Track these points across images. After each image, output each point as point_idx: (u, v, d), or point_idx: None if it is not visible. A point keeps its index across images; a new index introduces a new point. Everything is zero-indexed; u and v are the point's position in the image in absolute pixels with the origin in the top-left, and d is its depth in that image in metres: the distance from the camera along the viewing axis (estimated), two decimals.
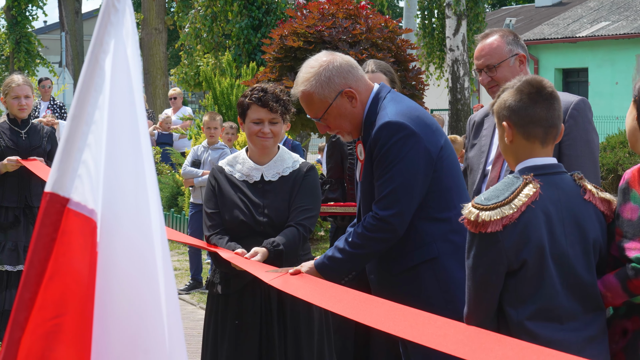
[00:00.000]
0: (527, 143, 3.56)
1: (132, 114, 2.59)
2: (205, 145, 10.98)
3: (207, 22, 22.50)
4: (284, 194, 5.25)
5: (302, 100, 4.40)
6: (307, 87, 4.33)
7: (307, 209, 5.22)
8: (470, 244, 3.46)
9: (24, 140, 8.23)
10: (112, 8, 2.60)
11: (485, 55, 4.83)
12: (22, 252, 8.03)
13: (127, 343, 2.54)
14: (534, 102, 3.54)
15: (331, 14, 10.86)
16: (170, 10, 34.71)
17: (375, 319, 3.68)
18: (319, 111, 4.35)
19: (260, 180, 5.30)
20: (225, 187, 5.31)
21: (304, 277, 4.39)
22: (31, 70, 32.46)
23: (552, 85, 3.61)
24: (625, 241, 3.50)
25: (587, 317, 3.49)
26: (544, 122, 3.54)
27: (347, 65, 4.37)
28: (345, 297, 3.96)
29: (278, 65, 10.86)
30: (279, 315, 5.20)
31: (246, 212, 5.22)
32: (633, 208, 3.50)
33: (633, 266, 3.44)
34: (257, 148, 5.30)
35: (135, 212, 2.55)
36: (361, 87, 4.37)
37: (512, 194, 3.42)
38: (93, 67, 2.59)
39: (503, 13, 43.23)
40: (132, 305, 2.54)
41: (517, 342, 3.10)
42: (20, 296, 2.49)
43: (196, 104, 39.56)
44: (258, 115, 5.21)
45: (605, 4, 36.00)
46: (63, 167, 2.55)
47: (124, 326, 2.54)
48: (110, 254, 2.53)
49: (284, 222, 5.18)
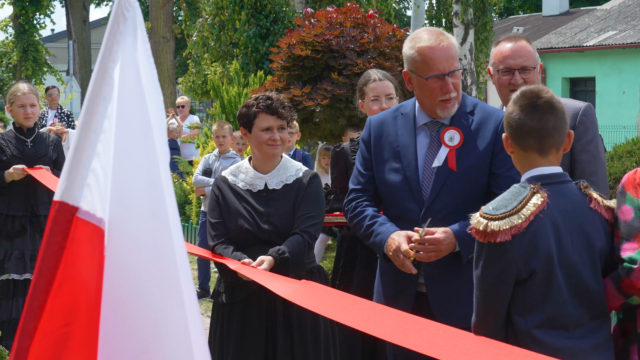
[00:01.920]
0: (524, 154, 3.59)
1: (144, 122, 2.59)
2: (216, 154, 10.98)
3: (214, 31, 22.52)
4: (287, 202, 5.26)
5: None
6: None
7: (312, 216, 5.23)
8: (479, 253, 3.47)
9: (30, 149, 8.23)
10: (121, 17, 2.60)
11: (523, 56, 4.76)
12: (28, 260, 8.03)
13: (137, 351, 2.54)
14: (525, 113, 3.56)
15: (339, 23, 10.87)
16: (178, 18, 34.82)
17: (383, 330, 3.68)
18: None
19: (264, 189, 5.31)
20: (229, 197, 5.31)
21: (312, 288, 4.39)
22: (38, 79, 32.54)
23: (549, 96, 3.60)
24: (622, 242, 3.54)
25: (594, 325, 3.51)
26: (536, 133, 3.55)
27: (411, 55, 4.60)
28: (354, 307, 3.95)
29: (286, 74, 10.86)
30: (285, 324, 5.19)
31: (250, 221, 5.22)
32: (627, 210, 3.55)
33: (625, 265, 3.49)
34: (265, 157, 5.31)
35: (149, 220, 2.55)
36: None
37: (520, 203, 3.43)
38: (102, 76, 2.59)
39: (510, 22, 43.24)
40: (142, 312, 2.54)
41: (527, 354, 3.10)
42: (29, 304, 2.49)
43: (204, 113, 39.63)
44: (267, 123, 5.23)
45: (613, 13, 35.99)
46: (72, 175, 2.55)
47: (134, 334, 2.54)
48: (119, 262, 2.53)
49: (289, 229, 5.18)
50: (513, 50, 4.77)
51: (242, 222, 5.23)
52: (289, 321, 5.19)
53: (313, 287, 4.52)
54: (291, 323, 5.19)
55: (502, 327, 3.49)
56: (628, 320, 3.62)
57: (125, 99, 2.59)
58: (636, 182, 3.55)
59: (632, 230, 3.51)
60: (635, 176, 3.57)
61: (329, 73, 10.48)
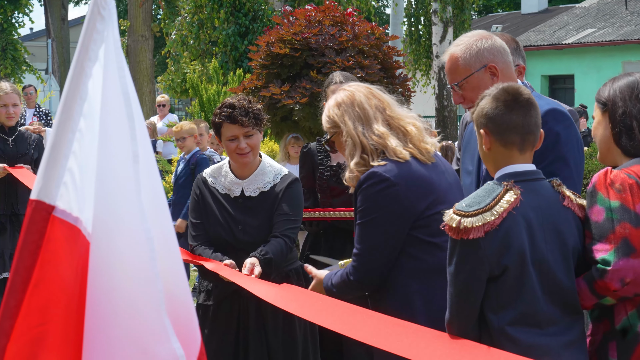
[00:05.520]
0: (504, 150, 3.58)
1: (126, 120, 2.59)
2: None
3: (193, 29, 22.48)
4: (264, 211, 5.23)
5: (447, 63, 4.37)
6: (455, 51, 4.34)
7: (291, 219, 5.21)
8: (452, 250, 3.48)
9: (11, 148, 8.22)
10: (98, 16, 2.61)
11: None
12: (7, 259, 8.02)
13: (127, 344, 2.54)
14: (510, 109, 3.57)
15: (317, 21, 10.87)
16: (157, 17, 34.71)
17: (363, 333, 3.69)
18: (458, 77, 4.33)
19: (240, 195, 5.29)
20: (208, 200, 5.30)
21: (293, 291, 4.40)
22: (17, 78, 32.42)
23: (529, 93, 3.64)
24: (593, 243, 3.56)
25: (567, 322, 3.53)
26: (520, 129, 3.57)
27: (500, 46, 4.36)
28: (335, 310, 3.96)
29: (265, 72, 10.85)
30: (258, 327, 5.18)
31: (227, 229, 5.22)
32: (599, 210, 3.56)
33: (598, 267, 3.51)
34: (238, 164, 5.28)
35: (132, 216, 2.56)
36: (506, 72, 4.33)
37: (493, 200, 3.44)
38: (79, 75, 2.60)
39: (489, 20, 43.30)
40: (131, 309, 2.54)
41: (504, 355, 3.13)
42: (5, 304, 2.50)
43: (183, 111, 39.52)
44: (231, 132, 5.19)
45: (591, 11, 36.11)
46: (49, 174, 2.56)
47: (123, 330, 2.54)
48: (103, 261, 2.53)
49: (264, 239, 5.15)
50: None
51: (219, 230, 5.23)
52: (263, 325, 5.19)
53: (294, 290, 4.52)
54: (265, 326, 5.19)
55: (476, 323, 3.50)
56: (605, 317, 3.64)
57: (105, 97, 2.59)
58: (607, 183, 3.56)
59: (603, 232, 3.53)
60: (606, 177, 3.58)
61: (308, 71, 10.48)
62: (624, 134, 3.66)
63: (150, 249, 2.53)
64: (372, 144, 4.01)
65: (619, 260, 3.47)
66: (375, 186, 3.93)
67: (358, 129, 4.04)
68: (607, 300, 3.55)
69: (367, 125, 4.06)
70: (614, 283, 3.48)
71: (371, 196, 3.94)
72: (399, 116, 4.14)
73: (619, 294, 3.51)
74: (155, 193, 2.65)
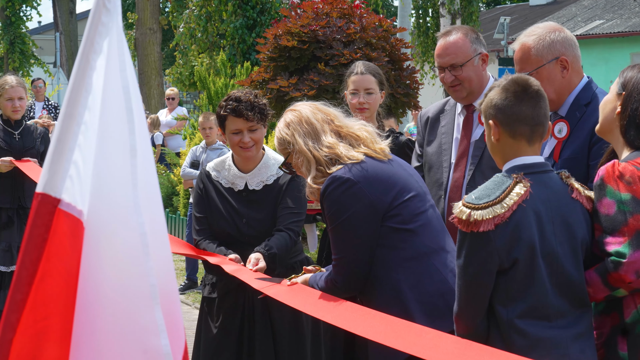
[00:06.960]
0: (513, 141, 3.57)
1: (125, 113, 2.58)
2: (203, 146, 10.94)
3: (201, 22, 22.45)
4: (268, 204, 5.22)
5: (518, 52, 4.44)
6: (527, 41, 4.40)
7: (295, 212, 5.20)
8: (462, 243, 3.47)
9: (18, 141, 8.22)
10: (103, 8, 2.60)
11: (450, 54, 4.84)
12: (15, 252, 8.03)
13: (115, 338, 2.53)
14: (519, 100, 3.55)
15: (325, 14, 10.85)
16: (165, 10, 34.71)
17: (366, 330, 3.69)
18: (529, 67, 4.36)
19: (244, 189, 5.28)
20: (211, 194, 5.30)
21: (297, 287, 4.39)
22: (25, 71, 32.46)
23: (538, 84, 3.63)
24: (605, 236, 3.54)
25: (575, 314, 3.52)
26: (530, 121, 3.55)
27: (572, 39, 4.43)
28: (338, 307, 3.96)
29: (272, 64, 10.85)
30: (264, 324, 5.18)
31: (230, 223, 5.21)
32: (609, 203, 3.53)
33: (612, 259, 3.49)
34: (241, 158, 5.27)
35: (127, 210, 2.55)
36: (575, 65, 4.40)
37: (503, 192, 3.43)
38: (84, 68, 2.59)
39: (497, 12, 43.24)
40: (121, 302, 2.53)
41: (508, 356, 3.12)
42: (11, 297, 2.49)
43: (191, 104, 39.55)
44: (236, 126, 5.16)
45: (600, 2, 36.03)
46: (54, 167, 2.55)
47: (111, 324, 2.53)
48: (95, 253, 2.52)
49: (269, 232, 5.14)
50: (441, 49, 4.88)
51: (223, 224, 5.22)
52: (270, 320, 5.19)
53: (296, 286, 4.51)
54: (272, 322, 5.18)
55: (484, 317, 3.49)
56: (613, 310, 3.63)
57: (108, 90, 2.58)
58: (616, 175, 3.53)
59: (615, 224, 3.51)
60: (614, 169, 3.55)
61: (316, 64, 10.47)
62: (632, 128, 3.63)
63: (143, 243, 2.52)
64: (325, 155, 4.13)
65: (634, 252, 3.46)
66: (338, 189, 4.03)
67: (309, 144, 4.16)
68: (620, 292, 3.54)
69: (317, 139, 4.18)
70: (630, 275, 3.47)
71: (336, 199, 4.03)
72: (347, 125, 4.26)
73: (633, 286, 3.50)
74: (151, 188, 2.64)
